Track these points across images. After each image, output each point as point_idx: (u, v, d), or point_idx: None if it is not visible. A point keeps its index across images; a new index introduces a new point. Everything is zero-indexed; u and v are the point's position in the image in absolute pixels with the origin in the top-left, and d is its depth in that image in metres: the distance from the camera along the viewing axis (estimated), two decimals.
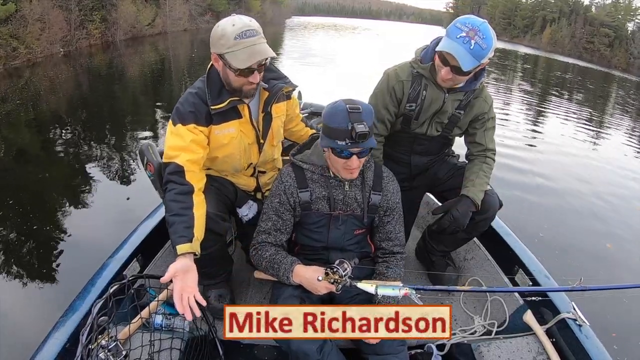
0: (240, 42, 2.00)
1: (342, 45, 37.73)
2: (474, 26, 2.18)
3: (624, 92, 27.54)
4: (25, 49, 18.02)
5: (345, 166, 2.09)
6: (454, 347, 2.43)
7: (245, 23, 2.03)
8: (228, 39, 2.00)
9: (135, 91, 13.89)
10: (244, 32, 2.00)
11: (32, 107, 10.85)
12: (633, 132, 14.68)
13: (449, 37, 2.23)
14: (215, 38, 2.06)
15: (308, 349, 1.92)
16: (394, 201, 2.34)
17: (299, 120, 2.77)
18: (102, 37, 25.74)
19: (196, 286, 1.90)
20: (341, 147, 2.01)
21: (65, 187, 6.49)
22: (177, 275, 1.86)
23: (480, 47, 2.17)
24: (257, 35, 2.04)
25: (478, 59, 2.20)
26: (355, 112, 1.97)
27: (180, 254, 1.92)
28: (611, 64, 58.65)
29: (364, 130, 1.93)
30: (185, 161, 2.10)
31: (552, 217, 6.45)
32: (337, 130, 1.98)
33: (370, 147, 2.05)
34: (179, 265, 1.89)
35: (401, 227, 2.41)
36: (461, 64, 2.19)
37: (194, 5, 42.43)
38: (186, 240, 1.94)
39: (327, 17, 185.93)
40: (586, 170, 9.04)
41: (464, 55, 2.18)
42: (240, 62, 2.02)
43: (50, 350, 1.93)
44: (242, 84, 2.12)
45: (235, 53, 2.01)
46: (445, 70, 2.31)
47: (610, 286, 2.29)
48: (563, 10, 77.71)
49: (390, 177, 2.38)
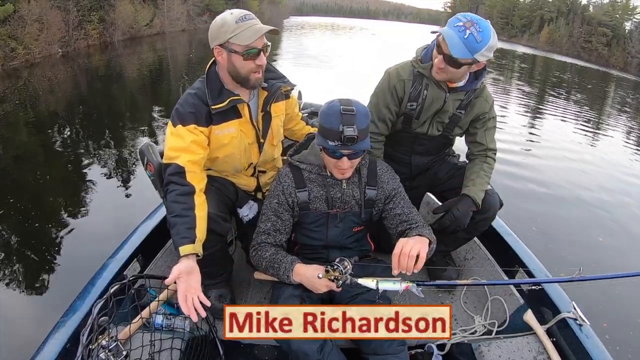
0: (242, 24, 2.05)
1: (338, 45, 37.83)
2: (473, 19, 2.21)
3: (622, 92, 27.54)
4: (24, 50, 18.03)
5: (336, 166, 2.11)
6: (454, 346, 2.43)
7: (242, 11, 2.11)
8: (229, 25, 2.05)
9: (133, 91, 13.89)
10: (243, 16, 2.08)
11: (30, 107, 10.85)
12: (631, 131, 14.73)
13: (447, 26, 2.26)
14: (216, 29, 2.09)
15: (308, 349, 1.91)
16: (391, 188, 2.33)
17: (299, 119, 2.78)
18: (100, 37, 25.74)
19: (200, 287, 1.90)
20: (332, 148, 2.03)
21: (64, 187, 6.49)
22: (180, 277, 1.86)
23: (475, 39, 2.18)
24: (255, 18, 2.11)
25: (471, 51, 2.21)
26: (348, 114, 1.98)
27: (183, 255, 1.92)
28: (609, 63, 58.63)
29: (352, 135, 1.95)
30: (186, 162, 2.10)
31: (545, 211, 6.61)
32: (329, 130, 2.00)
33: (363, 150, 2.06)
34: (182, 266, 1.88)
35: (410, 207, 2.35)
36: (450, 48, 2.20)
37: (192, 6, 42.40)
38: (189, 241, 1.94)
39: (325, 17, 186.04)
40: (579, 166, 9.22)
41: (456, 42, 2.19)
42: (247, 38, 2.05)
43: (51, 351, 1.93)
44: (250, 69, 2.13)
45: (240, 34, 2.05)
46: (438, 59, 2.33)
47: (608, 275, 2.29)
48: (561, 10, 77.80)
49: (384, 168, 2.38)
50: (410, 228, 2.24)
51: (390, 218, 2.36)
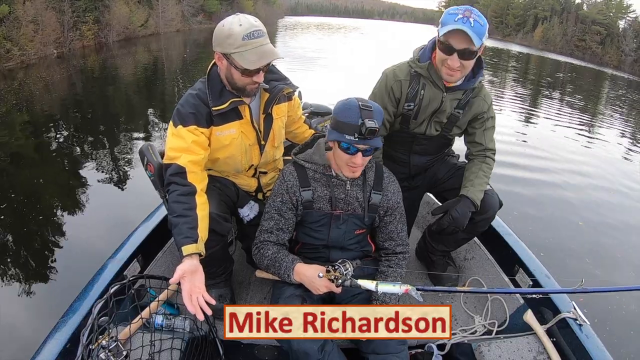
0: (248, 42, 2.01)
1: (330, 45, 37.77)
2: (466, 8, 2.23)
3: (615, 92, 27.63)
4: (19, 51, 18.02)
5: (349, 162, 2.10)
6: (454, 346, 2.44)
7: (251, 23, 2.03)
8: (236, 39, 2.00)
9: (128, 92, 13.88)
10: (251, 32, 2.01)
11: (26, 108, 10.83)
12: (625, 129, 14.82)
13: (448, 23, 2.23)
14: (222, 37, 2.05)
15: (310, 348, 1.92)
16: (394, 201, 2.34)
17: (302, 122, 2.77)
18: (96, 38, 25.70)
19: (204, 286, 1.91)
20: (349, 142, 2.02)
21: (61, 187, 6.50)
22: (184, 277, 1.86)
23: (480, 24, 2.19)
24: (264, 35, 2.06)
25: (480, 37, 2.21)
26: (367, 110, 1.99)
27: (186, 254, 1.92)
28: (603, 62, 58.86)
29: (373, 127, 1.95)
30: (187, 162, 2.10)
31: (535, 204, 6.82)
32: (348, 125, 1.99)
33: (376, 147, 2.06)
34: (186, 266, 1.88)
35: (403, 227, 2.41)
36: (473, 39, 2.18)
37: (187, 6, 42.40)
38: (191, 241, 1.94)
39: (319, 17, 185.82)
40: (564, 163, 9.41)
41: (470, 34, 2.17)
42: (250, 63, 2.03)
43: (51, 351, 1.93)
44: (246, 83, 2.13)
45: (244, 54, 2.02)
46: (452, 59, 2.29)
47: (610, 288, 2.31)
48: (555, 9, 77.97)
49: (391, 178, 2.39)
50: (395, 252, 2.39)
51: (381, 229, 2.40)
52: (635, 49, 57.47)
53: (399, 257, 2.38)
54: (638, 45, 57.77)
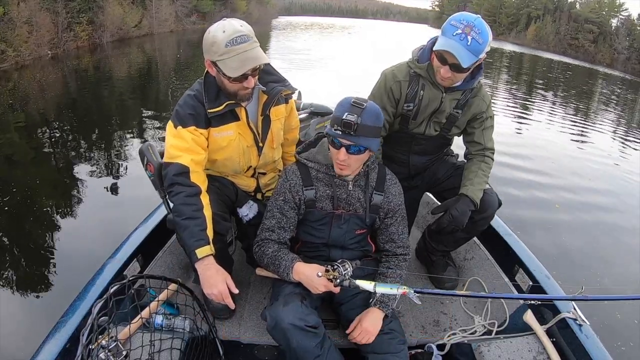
0: (231, 49, 1.99)
1: (319, 44, 37.76)
2: (468, 22, 2.20)
3: (608, 90, 27.72)
4: (14, 52, 17.91)
5: (335, 157, 2.11)
6: (454, 347, 2.44)
7: (235, 29, 2.01)
8: (219, 47, 1.99)
9: (122, 92, 13.80)
10: (234, 38, 1.99)
11: (20, 109, 10.80)
12: (617, 126, 14.92)
13: (445, 36, 2.25)
14: (207, 45, 2.04)
15: (308, 345, 1.93)
16: (395, 203, 2.35)
17: (294, 138, 2.79)
18: (90, 39, 25.58)
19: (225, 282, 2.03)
20: (333, 134, 2.03)
21: (57, 188, 6.49)
22: (224, 282, 2.02)
23: (477, 42, 2.19)
24: (249, 40, 2.03)
25: (476, 55, 2.22)
26: (357, 107, 1.99)
27: (202, 257, 1.97)
28: (595, 60, 59.00)
29: (349, 120, 1.95)
30: (190, 161, 2.11)
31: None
32: (335, 118, 2.01)
33: (364, 147, 2.05)
34: (213, 271, 2.01)
35: (404, 229, 2.42)
36: (460, 61, 2.20)
37: (180, 7, 42.28)
38: (205, 242, 1.99)
39: (313, 16, 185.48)
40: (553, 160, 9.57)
41: (462, 52, 2.19)
42: (232, 70, 2.02)
43: (51, 351, 1.93)
44: (237, 89, 2.12)
45: (226, 61, 2.01)
46: (444, 69, 2.31)
47: (611, 297, 2.30)
48: (547, 7, 78.11)
49: (394, 179, 2.39)
50: (395, 254, 2.42)
51: (382, 230, 2.41)
52: (628, 47, 57.69)
53: (399, 259, 2.39)
54: (630, 43, 57.97)
